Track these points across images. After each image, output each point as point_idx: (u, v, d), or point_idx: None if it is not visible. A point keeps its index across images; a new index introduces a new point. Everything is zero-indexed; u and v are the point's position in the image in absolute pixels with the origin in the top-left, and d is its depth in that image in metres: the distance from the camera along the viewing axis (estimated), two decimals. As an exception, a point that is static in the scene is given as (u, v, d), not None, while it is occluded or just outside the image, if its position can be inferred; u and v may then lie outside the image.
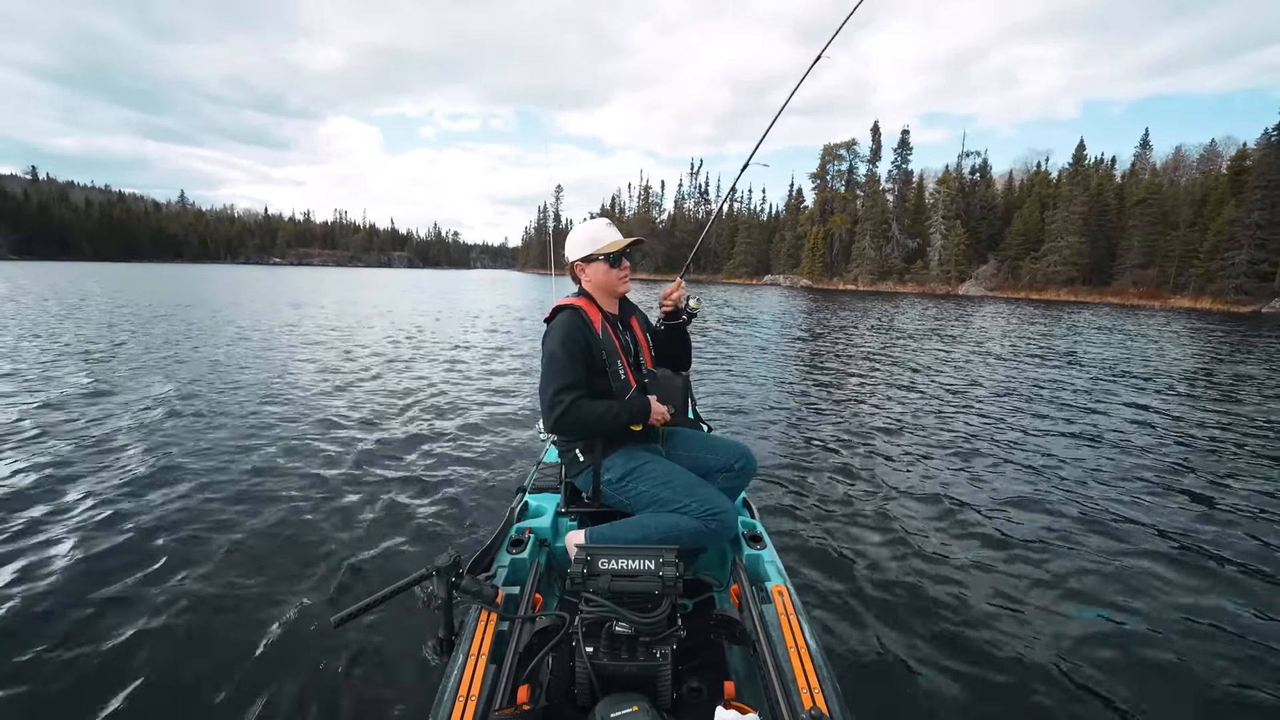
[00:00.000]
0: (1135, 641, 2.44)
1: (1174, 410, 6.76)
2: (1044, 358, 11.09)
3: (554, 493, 2.25)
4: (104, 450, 4.17)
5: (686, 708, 1.43)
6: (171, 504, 3.33)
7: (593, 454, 1.98)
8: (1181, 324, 22.47)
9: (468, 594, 1.45)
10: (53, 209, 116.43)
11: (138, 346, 9.15)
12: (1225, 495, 4.07)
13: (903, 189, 59.45)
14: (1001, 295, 47.31)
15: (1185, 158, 59.10)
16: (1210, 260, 38.62)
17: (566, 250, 2.12)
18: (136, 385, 6.35)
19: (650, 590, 1.37)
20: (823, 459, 4.69)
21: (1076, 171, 49.99)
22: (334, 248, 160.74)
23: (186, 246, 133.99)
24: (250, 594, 2.48)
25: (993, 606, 2.66)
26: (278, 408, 5.45)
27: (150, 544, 2.87)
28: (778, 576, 1.77)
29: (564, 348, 1.90)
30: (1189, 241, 41.17)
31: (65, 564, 2.67)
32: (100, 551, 2.80)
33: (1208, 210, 41.21)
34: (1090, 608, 2.68)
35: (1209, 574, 2.98)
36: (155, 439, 4.47)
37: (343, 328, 12.88)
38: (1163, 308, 37.05)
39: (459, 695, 1.25)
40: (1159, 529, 3.49)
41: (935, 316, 22.62)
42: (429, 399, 6.08)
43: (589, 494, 2.03)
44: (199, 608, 2.37)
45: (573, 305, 2.02)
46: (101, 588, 2.50)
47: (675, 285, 2.39)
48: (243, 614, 2.33)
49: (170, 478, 3.71)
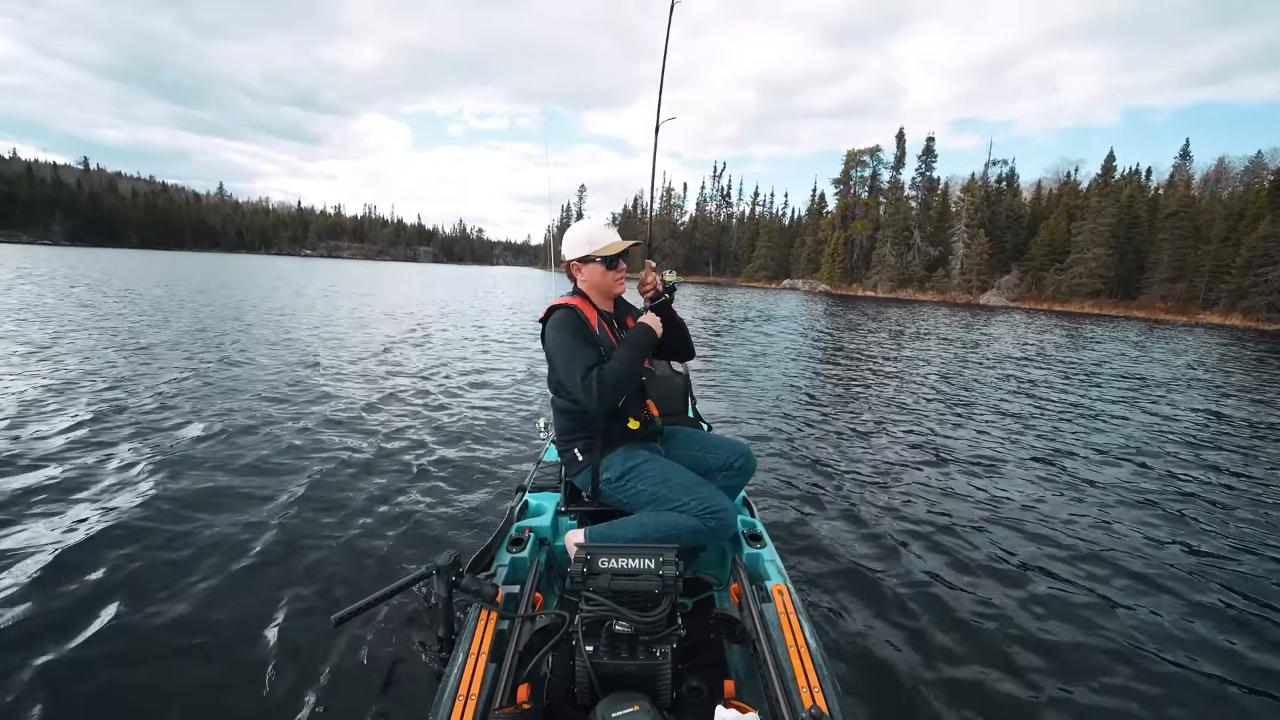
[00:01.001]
0: (1138, 641, 2.40)
1: (1185, 419, 6.56)
2: (1055, 368, 10.83)
3: (554, 492, 2.24)
4: (96, 442, 4.09)
5: (686, 707, 1.43)
6: (167, 501, 3.23)
7: (592, 453, 1.97)
8: (1210, 339, 21.79)
9: (468, 593, 1.45)
10: (103, 198, 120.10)
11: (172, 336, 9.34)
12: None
13: (926, 196, 58.50)
14: (1024, 306, 46.30)
15: (1228, 169, 55.27)
16: (1243, 276, 37.33)
17: (563, 248, 2.11)
18: (135, 376, 6.43)
19: (650, 589, 1.36)
20: (824, 458, 4.64)
21: (1105, 183, 48.75)
22: (363, 241, 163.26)
23: (224, 237, 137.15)
24: (249, 592, 2.44)
25: (994, 606, 2.61)
26: (277, 407, 5.31)
27: (146, 540, 2.79)
28: (778, 575, 1.76)
29: (573, 335, 1.90)
30: (1221, 256, 39.88)
31: (52, 556, 2.59)
32: (92, 543, 2.71)
33: (1243, 225, 39.83)
34: (1093, 608, 2.63)
35: (1214, 592, 2.88)
36: (148, 433, 4.33)
37: (364, 321, 13.05)
38: (1190, 323, 35.97)
39: (459, 694, 1.24)
40: (1167, 539, 3.39)
41: (950, 324, 22.23)
42: (430, 398, 6.01)
43: (588, 493, 2.02)
44: (196, 606, 2.32)
45: (568, 304, 2.00)
46: (94, 583, 2.43)
47: (646, 269, 2.25)
48: (241, 612, 2.30)
49: (168, 475, 3.59)
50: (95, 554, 2.66)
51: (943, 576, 2.86)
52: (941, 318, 26.54)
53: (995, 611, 2.58)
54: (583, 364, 1.85)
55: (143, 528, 2.93)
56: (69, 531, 2.85)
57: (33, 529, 2.86)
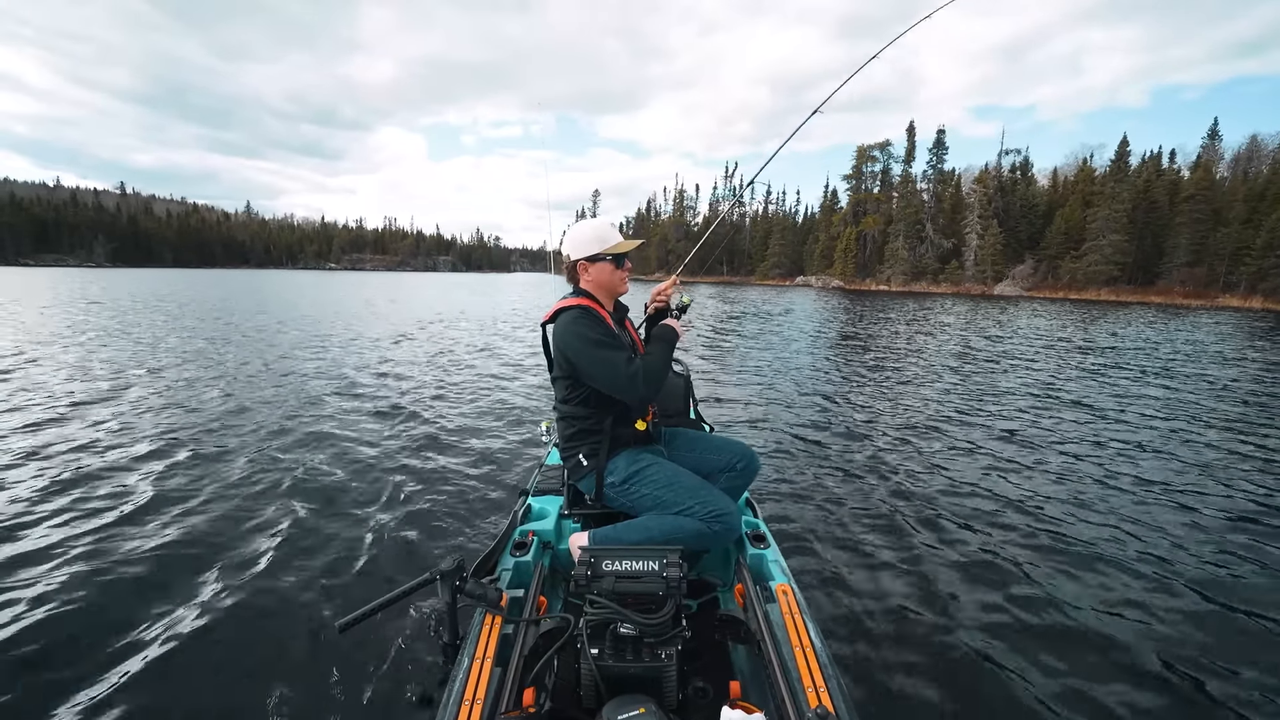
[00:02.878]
0: (1140, 642, 2.33)
1: (1195, 403, 6.33)
2: (1064, 357, 10.55)
3: (557, 495, 2.22)
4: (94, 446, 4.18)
5: (692, 708, 1.41)
6: (173, 507, 3.25)
7: (596, 458, 1.94)
8: (1229, 323, 21.06)
9: (472, 597, 1.44)
10: (140, 220, 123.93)
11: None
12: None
13: (938, 189, 57.57)
14: (1039, 295, 45.31)
15: (1261, 147, 49.48)
16: (1264, 258, 36.13)
17: (568, 248, 2.02)
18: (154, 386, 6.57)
19: (654, 591, 1.35)
20: (828, 457, 4.56)
21: (1119, 168, 47.45)
22: (384, 253, 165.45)
23: (253, 253, 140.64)
24: (255, 598, 2.42)
25: (999, 606, 2.55)
26: (278, 409, 5.35)
27: (151, 547, 2.79)
28: (782, 576, 1.73)
29: (605, 334, 1.87)
30: (1242, 239, 38.58)
31: (62, 562, 2.60)
32: (98, 550, 2.72)
33: (1265, 206, 38.46)
34: (1096, 610, 2.56)
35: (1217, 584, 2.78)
36: (156, 435, 4.42)
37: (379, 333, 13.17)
38: (1209, 306, 34.91)
39: (464, 699, 1.24)
40: (1177, 534, 3.28)
41: (961, 316, 21.80)
42: (431, 402, 5.99)
43: (592, 496, 2.00)
44: (202, 612, 2.30)
45: (581, 305, 1.94)
46: (100, 589, 2.43)
47: (669, 282, 2.30)
48: (248, 618, 2.28)
49: (172, 478, 3.64)
50: (95, 553, 2.67)
51: (949, 575, 2.79)
52: (951, 310, 26.02)
53: (1003, 611, 2.52)
54: (624, 358, 1.82)
55: (143, 528, 2.94)
56: (76, 535, 2.87)
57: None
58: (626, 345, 1.96)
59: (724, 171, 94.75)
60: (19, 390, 6.04)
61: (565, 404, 2.00)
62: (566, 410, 2.00)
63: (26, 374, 6.89)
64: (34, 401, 5.57)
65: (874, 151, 62.41)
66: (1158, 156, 50.12)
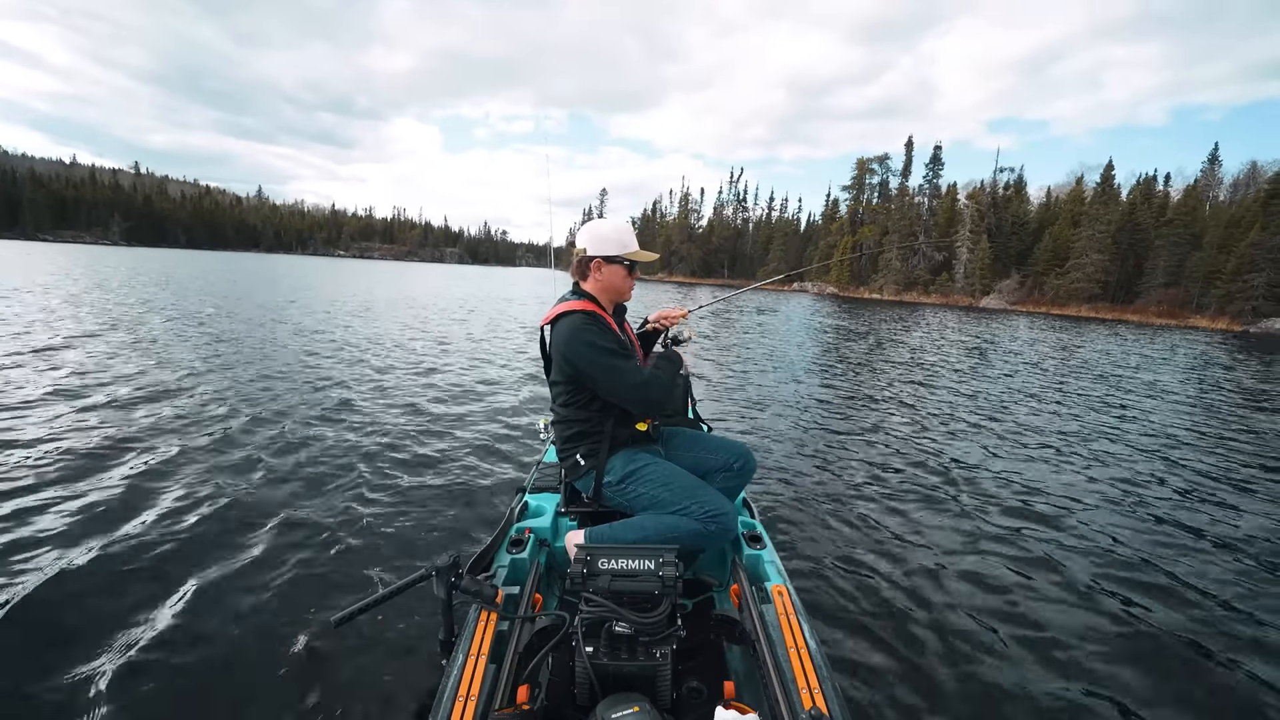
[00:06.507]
0: (1141, 643, 2.32)
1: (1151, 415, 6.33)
2: (1048, 368, 10.56)
3: (554, 493, 2.16)
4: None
5: (686, 708, 1.38)
6: (164, 500, 3.09)
7: (595, 458, 1.89)
8: (1187, 341, 21.18)
9: (467, 594, 1.40)
10: (154, 200, 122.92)
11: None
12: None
13: (933, 204, 57.79)
14: (1022, 309, 45.53)
15: (1261, 173, 48.86)
16: (1231, 282, 36.73)
17: (586, 242, 1.90)
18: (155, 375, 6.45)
19: (650, 590, 1.31)
20: (825, 458, 4.52)
21: (1104, 190, 47.68)
22: (392, 242, 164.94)
23: (263, 237, 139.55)
24: (248, 592, 2.33)
25: (995, 608, 2.53)
26: (276, 406, 5.12)
27: (145, 541, 2.66)
28: (778, 576, 1.69)
29: (615, 342, 1.81)
30: (1215, 263, 39.03)
31: (47, 556, 2.48)
32: (93, 545, 2.59)
33: (1239, 232, 38.86)
34: (1095, 610, 2.54)
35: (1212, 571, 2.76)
36: (149, 430, 4.19)
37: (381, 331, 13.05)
38: (1179, 326, 35.39)
39: (459, 695, 1.20)
40: (1163, 526, 3.27)
41: (945, 326, 21.86)
42: (430, 399, 5.79)
43: (589, 495, 1.95)
44: (194, 607, 2.22)
45: (587, 309, 1.84)
46: (89, 583, 2.32)
47: (681, 312, 2.24)
48: (240, 613, 2.19)
49: (167, 474, 3.46)
50: (94, 554, 2.53)
51: (944, 577, 2.76)
52: (939, 319, 26.14)
53: (997, 612, 2.50)
54: (634, 368, 1.78)
55: (143, 527, 2.80)
56: (68, 530, 2.74)
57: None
58: (632, 351, 1.91)
59: (729, 176, 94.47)
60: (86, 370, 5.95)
61: (565, 407, 1.92)
62: (565, 413, 1.93)
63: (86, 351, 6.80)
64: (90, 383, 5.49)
65: (873, 164, 62.82)
66: (1150, 179, 50.50)
